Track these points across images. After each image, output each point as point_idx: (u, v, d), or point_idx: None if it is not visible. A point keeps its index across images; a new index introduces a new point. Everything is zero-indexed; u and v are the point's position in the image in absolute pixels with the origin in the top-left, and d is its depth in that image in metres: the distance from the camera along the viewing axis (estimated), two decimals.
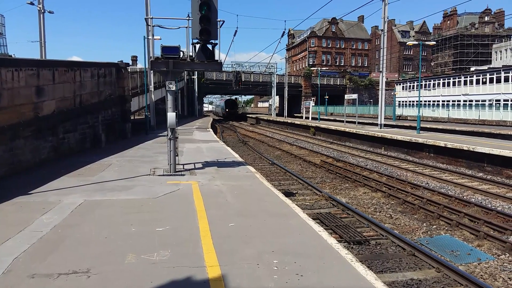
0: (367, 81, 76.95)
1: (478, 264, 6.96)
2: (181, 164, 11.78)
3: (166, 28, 14.73)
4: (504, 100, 39.96)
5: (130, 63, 39.91)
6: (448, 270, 6.35)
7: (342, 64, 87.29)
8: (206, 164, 12.27)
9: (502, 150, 15.20)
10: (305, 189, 12.75)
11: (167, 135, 10.46)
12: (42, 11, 24.58)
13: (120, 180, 9.63)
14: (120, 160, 12.86)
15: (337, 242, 5.67)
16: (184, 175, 10.43)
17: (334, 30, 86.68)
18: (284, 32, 34.45)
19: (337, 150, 23.21)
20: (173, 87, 10.29)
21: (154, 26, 15.03)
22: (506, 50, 64.04)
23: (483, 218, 9.20)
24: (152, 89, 26.18)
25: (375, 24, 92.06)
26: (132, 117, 26.67)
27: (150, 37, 22.25)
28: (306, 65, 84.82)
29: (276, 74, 63.36)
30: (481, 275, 6.52)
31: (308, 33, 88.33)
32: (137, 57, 54.01)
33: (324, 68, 72.19)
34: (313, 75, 71.83)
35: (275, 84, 60.32)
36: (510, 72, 40.42)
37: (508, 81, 40.29)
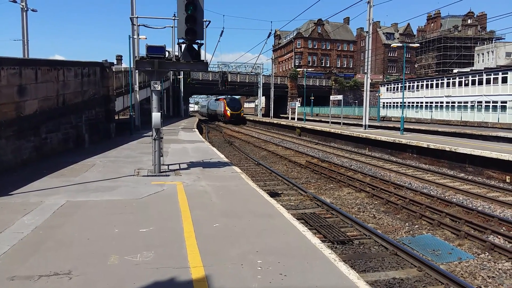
0: (352, 82, 77.60)
1: (459, 263, 7.10)
2: (166, 165, 11.72)
3: (152, 27, 14.64)
4: (486, 102, 40.78)
5: (115, 63, 39.45)
6: (429, 269, 6.46)
7: (328, 66, 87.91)
8: (191, 165, 12.23)
9: (483, 151, 15.51)
10: (290, 189, 12.81)
11: (152, 135, 10.40)
12: (25, 9, 24.16)
13: (104, 181, 9.53)
14: (104, 161, 12.73)
15: (321, 242, 5.72)
16: (169, 175, 10.38)
17: (320, 32, 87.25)
18: (270, 33, 34.54)
19: (322, 151, 23.37)
20: (158, 87, 10.23)
21: (139, 25, 14.94)
22: (488, 52, 65.31)
23: (464, 218, 9.38)
24: (137, 89, 25.95)
25: (360, 26, 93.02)
26: (116, 117, 26.43)
27: (135, 37, 22.08)
28: (292, 66, 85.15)
29: (262, 75, 63.46)
30: (462, 274, 6.66)
31: (294, 34, 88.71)
32: (122, 56, 53.45)
33: (310, 69, 72.59)
34: (299, 76, 72.12)
35: (261, 84, 60.40)
36: (492, 74, 41.26)
37: (490, 83, 41.13)
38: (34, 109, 12.70)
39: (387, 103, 59.48)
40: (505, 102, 37.86)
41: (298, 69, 76.77)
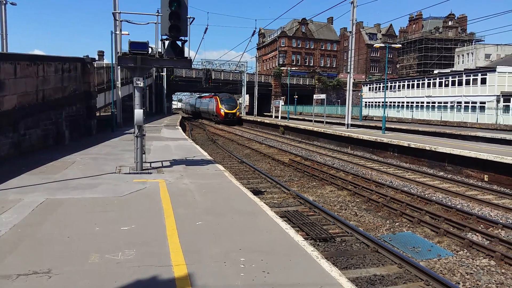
0: (335, 81, 78.24)
1: (438, 260, 7.24)
2: (148, 162, 11.62)
3: (135, 23, 14.44)
4: (465, 102, 41.65)
5: (97, 58, 38.97)
6: (409, 266, 6.57)
7: (312, 65, 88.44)
8: (174, 162, 12.14)
9: (462, 150, 15.84)
10: (273, 187, 12.85)
11: (134, 133, 10.28)
12: (4, 2, 23.56)
13: (84, 178, 9.38)
14: (85, 158, 12.53)
15: (303, 239, 5.76)
16: (151, 173, 10.29)
17: (304, 31, 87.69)
18: (254, 31, 34.57)
19: (305, 149, 23.50)
20: (140, 84, 10.11)
21: (122, 21, 14.72)
22: (468, 54, 66.70)
23: (443, 215, 9.57)
24: (119, 85, 25.63)
25: (344, 26, 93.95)
26: (98, 114, 26.04)
27: (117, 32, 21.75)
28: (276, 64, 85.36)
29: (246, 73, 63.44)
30: (441, 270, 6.79)
31: (278, 33, 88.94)
32: (104, 52, 52.91)
33: (294, 68, 72.90)
34: (283, 74, 72.32)
35: (245, 82, 60.40)
36: (471, 75, 42.16)
37: (469, 84, 42.02)
38: (13, 105, 12.42)
39: (369, 102, 60.19)
40: (484, 102, 38.76)
41: (282, 68, 76.92)
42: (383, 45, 31.29)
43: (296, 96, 55.70)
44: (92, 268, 4.49)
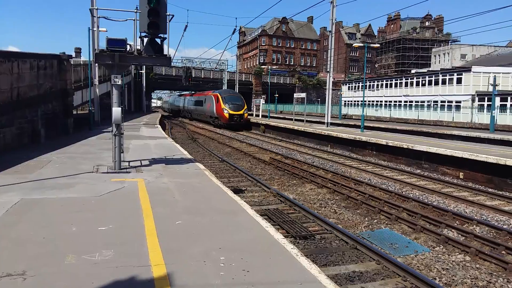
0: (316, 80, 78.81)
1: (415, 256, 7.38)
2: (127, 161, 11.46)
3: (113, 20, 14.17)
4: (441, 102, 42.55)
5: (74, 55, 38.11)
6: (387, 262, 6.68)
7: (292, 64, 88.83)
8: (154, 161, 12.01)
9: (438, 149, 16.19)
10: (254, 186, 12.86)
11: (112, 131, 10.12)
12: None
13: (61, 178, 9.18)
14: (61, 157, 12.26)
15: (283, 237, 5.78)
16: (129, 172, 10.14)
17: (284, 30, 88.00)
18: (235, 29, 34.49)
19: (286, 148, 23.60)
20: (118, 81, 9.96)
21: (99, 17, 14.40)
22: (444, 54, 68.20)
23: (420, 212, 9.76)
24: (97, 83, 25.19)
25: (323, 25, 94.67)
26: (75, 112, 25.53)
27: (95, 29, 21.35)
28: (257, 63, 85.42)
29: (227, 71, 63.24)
30: (418, 266, 6.92)
31: (259, 32, 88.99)
32: (81, 49, 51.80)
33: (275, 67, 73.18)
34: (263, 73, 72.40)
35: (226, 81, 60.20)
36: (447, 75, 43.08)
37: (445, 84, 42.93)
38: None
39: (348, 101, 60.85)
40: (460, 102, 39.68)
41: (263, 66, 77.10)
42: (362, 44, 31.67)
43: (277, 95, 55.91)
44: (68, 269, 4.40)
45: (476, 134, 24.05)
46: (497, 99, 32.16)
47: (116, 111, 9.87)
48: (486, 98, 36.34)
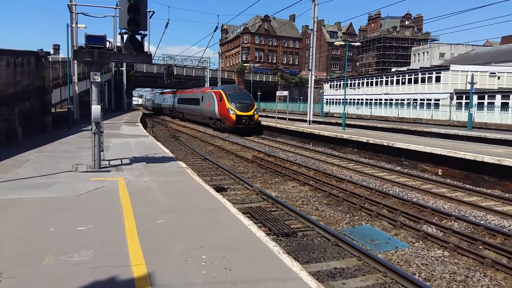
0: (298, 78, 79.17)
1: (395, 251, 7.49)
2: (107, 160, 11.29)
3: (92, 16, 13.94)
4: (421, 100, 43.29)
5: (52, 52, 37.32)
6: (368, 258, 6.76)
7: (274, 62, 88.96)
8: (134, 160, 11.86)
9: (417, 146, 16.46)
10: (236, 184, 12.84)
11: (92, 129, 9.95)
12: None
13: (39, 177, 8.98)
14: (39, 156, 12.00)
15: (265, 235, 5.79)
16: (109, 171, 10.00)
17: (266, 28, 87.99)
18: (217, 26, 34.39)
19: (268, 146, 23.63)
20: (98, 79, 9.80)
21: (78, 13, 14.11)
22: (423, 53, 69.38)
23: (400, 208, 9.91)
24: (76, 81, 24.72)
25: (305, 23, 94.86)
26: (53, 110, 25.03)
27: (73, 25, 20.92)
28: (240, 61, 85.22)
29: (210, 69, 62.90)
30: (398, 262, 7.02)
31: (241, 29, 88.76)
32: (59, 46, 50.68)
33: (257, 65, 73.22)
34: (246, 71, 72.36)
35: (208, 79, 59.86)
36: (427, 73, 43.85)
37: (425, 82, 43.70)
38: None
39: (330, 99, 61.33)
40: (438, 100, 40.46)
41: (245, 64, 77.00)
42: (343, 43, 31.97)
43: (259, 93, 55.94)
44: (46, 270, 4.31)
45: (454, 131, 24.55)
46: (475, 97, 32.91)
47: (96, 109, 9.72)
48: (464, 96, 37.14)
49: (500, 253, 7.25)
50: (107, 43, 9.87)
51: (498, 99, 33.85)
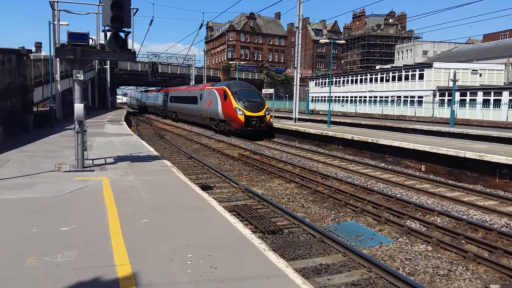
0: (283, 76, 79.37)
1: (380, 247, 7.58)
2: (91, 159, 11.14)
3: (74, 13, 13.77)
4: (404, 97, 43.84)
5: (34, 50, 36.59)
6: (353, 254, 6.83)
7: (260, 59, 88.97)
8: (119, 159, 11.74)
9: (401, 142, 16.67)
10: (222, 182, 12.82)
11: (75, 128, 9.81)
12: None
13: (21, 177, 8.81)
14: (21, 156, 11.78)
15: (251, 232, 5.80)
16: (93, 170, 9.87)
17: (252, 25, 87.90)
18: (202, 24, 34.12)
19: (254, 143, 23.64)
20: (80, 77, 9.66)
21: (60, 10, 13.95)
22: (407, 50, 70.26)
23: (384, 204, 10.03)
24: (58, 79, 24.31)
25: (291, 21, 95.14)
26: (35, 109, 24.61)
27: (55, 22, 20.59)
28: (225, 58, 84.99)
29: (195, 67, 62.60)
30: (382, 257, 7.11)
31: (226, 27, 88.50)
32: (41, 43, 49.58)
33: (243, 63, 73.00)
34: (231, 69, 72.20)
35: (194, 76, 59.59)
36: (410, 71, 44.42)
37: (408, 80, 44.25)
38: None
39: (315, 97, 61.65)
40: (422, 97, 41.02)
41: (231, 62, 76.79)
42: (328, 41, 32.12)
43: None
44: (28, 272, 4.24)
45: (437, 128, 24.93)
46: (457, 94, 33.46)
47: (78, 107, 9.58)
48: (446, 93, 37.74)
49: (482, 247, 7.41)
50: (90, 40, 9.74)
51: (479, 96, 34.50)
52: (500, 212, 9.69)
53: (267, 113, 26.42)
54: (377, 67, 57.33)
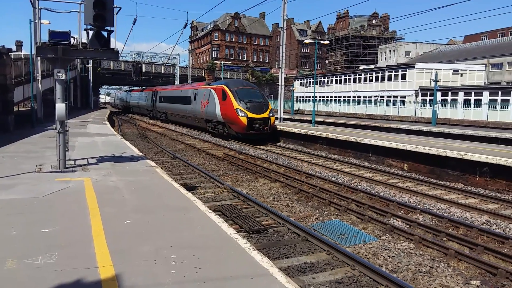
0: (268, 76, 79.45)
1: (363, 245, 7.66)
2: (73, 160, 10.98)
3: (56, 11, 13.51)
4: (387, 97, 44.39)
5: (14, 49, 35.87)
6: (337, 252, 6.89)
7: (245, 59, 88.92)
8: (101, 159, 11.59)
9: (384, 142, 16.87)
10: (207, 182, 12.78)
11: (56, 128, 9.65)
12: None
13: (0, 179, 8.62)
14: (0, 156, 11.54)
15: (236, 232, 5.80)
16: (75, 171, 9.73)
17: (237, 25, 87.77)
18: (186, 23, 33.91)
19: (239, 143, 23.61)
20: (62, 76, 9.51)
21: (41, 8, 13.67)
22: (390, 51, 71.16)
23: (368, 203, 10.14)
24: (40, 78, 23.86)
25: (275, 21, 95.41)
26: (16, 109, 24.11)
27: (36, 21, 20.21)
28: (210, 58, 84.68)
29: (179, 66, 62.20)
30: (366, 255, 7.19)
31: (211, 26, 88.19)
32: (22, 42, 48.57)
33: (228, 62, 72.92)
34: (217, 68, 71.97)
35: (178, 76, 59.20)
36: (393, 71, 45.00)
37: (391, 80, 44.83)
38: None
39: (300, 97, 61.94)
40: (404, 97, 41.59)
41: (216, 62, 76.55)
42: (312, 41, 32.30)
43: None
44: (8, 274, 4.16)
45: (419, 127, 25.32)
46: (439, 94, 34.05)
47: (60, 107, 9.43)
48: (428, 93, 38.37)
49: (463, 244, 7.55)
50: (72, 39, 9.60)
51: (460, 96, 35.17)
52: (481, 210, 9.89)
53: (271, 114, 24.15)
54: (361, 68, 57.94)
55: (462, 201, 10.94)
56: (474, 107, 32.95)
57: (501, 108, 30.94)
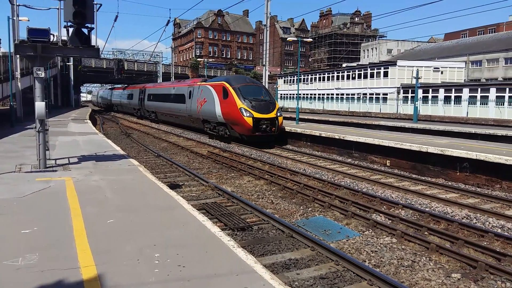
0: (252, 74, 79.41)
1: (347, 240, 7.74)
2: (53, 159, 10.79)
3: (34, 8, 13.30)
4: (370, 94, 44.89)
5: None
6: (321, 248, 6.94)
7: (229, 57, 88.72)
8: (83, 159, 11.42)
9: (367, 138, 17.06)
10: (191, 180, 12.72)
11: (36, 127, 9.47)
12: None
13: None
14: None
15: (220, 230, 5.79)
16: (56, 171, 9.56)
17: (220, 23, 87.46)
18: (169, 20, 33.79)
19: (223, 141, 23.54)
20: (42, 74, 9.33)
21: (19, 5, 13.38)
22: (372, 49, 71.93)
23: (351, 199, 10.24)
24: (19, 76, 23.37)
25: (259, 19, 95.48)
26: None
27: (15, 18, 19.79)
28: (193, 55, 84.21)
29: (162, 64, 61.65)
30: (349, 250, 7.26)
31: (194, 24, 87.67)
32: (0, 40, 47.45)
33: (211, 60, 72.71)
34: (200, 66, 71.62)
35: (161, 74, 58.65)
36: (375, 69, 45.51)
37: (373, 77, 45.33)
38: None
39: (284, 94, 62.14)
40: (386, 94, 42.12)
41: (199, 59, 76.19)
42: (296, 39, 32.42)
43: None
44: None
45: (401, 124, 25.68)
46: (420, 91, 34.58)
47: (40, 105, 9.25)
48: (410, 90, 38.91)
49: (444, 238, 7.69)
50: (52, 36, 9.42)
51: (441, 93, 35.79)
52: (461, 204, 10.09)
53: (279, 114, 21.60)
54: (344, 65, 58.41)
55: (443, 196, 11.14)
56: (454, 104, 33.60)
57: (480, 104, 31.62)
